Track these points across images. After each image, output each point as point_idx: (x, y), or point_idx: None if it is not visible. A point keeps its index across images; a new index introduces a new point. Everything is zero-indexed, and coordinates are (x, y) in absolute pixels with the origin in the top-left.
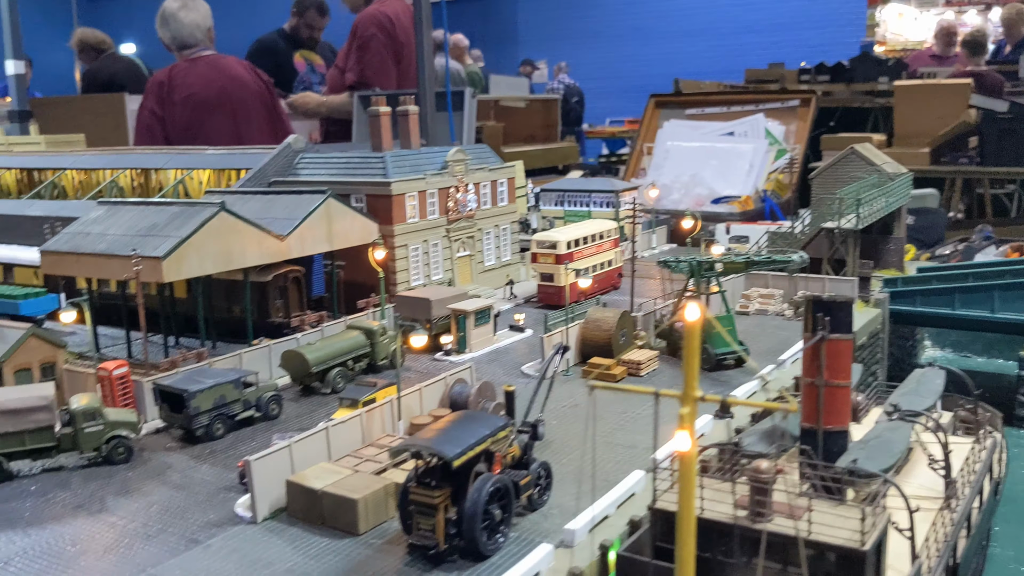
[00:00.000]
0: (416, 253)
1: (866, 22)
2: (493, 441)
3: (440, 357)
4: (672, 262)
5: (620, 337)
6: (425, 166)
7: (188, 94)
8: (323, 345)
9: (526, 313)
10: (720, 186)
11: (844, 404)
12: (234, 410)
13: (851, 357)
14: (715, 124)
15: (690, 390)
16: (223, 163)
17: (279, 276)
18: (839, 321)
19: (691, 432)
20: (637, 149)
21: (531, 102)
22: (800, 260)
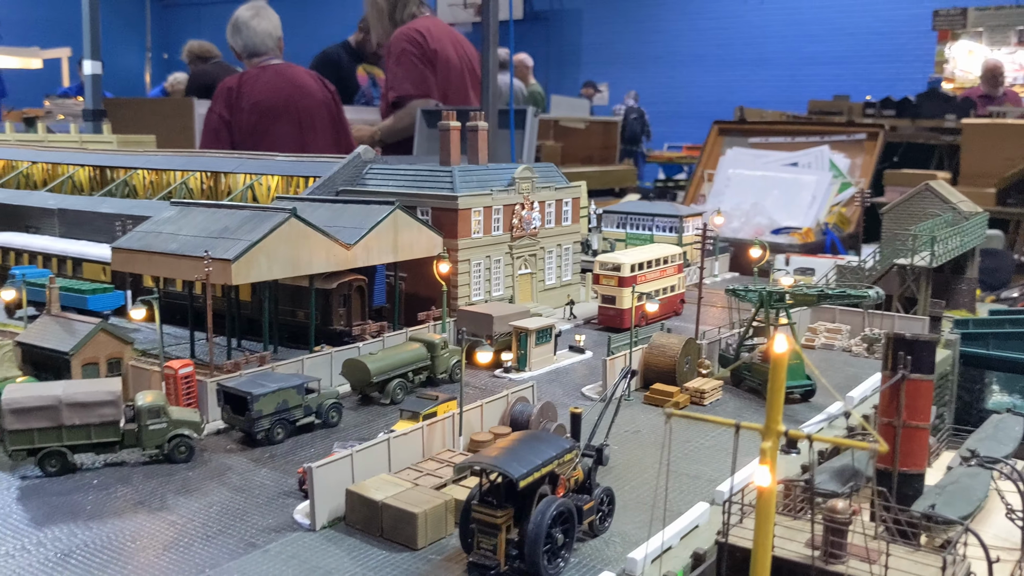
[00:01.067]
0: (478, 268)
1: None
2: (559, 463)
3: (500, 374)
4: (741, 291)
5: (684, 364)
6: (492, 182)
7: (256, 100)
8: (385, 356)
9: (585, 335)
10: (781, 216)
11: (922, 447)
12: (295, 415)
13: (931, 398)
14: (779, 154)
15: (773, 424)
16: (292, 170)
17: (343, 284)
18: (921, 361)
19: (772, 468)
20: (698, 175)
21: (591, 123)
22: (876, 296)
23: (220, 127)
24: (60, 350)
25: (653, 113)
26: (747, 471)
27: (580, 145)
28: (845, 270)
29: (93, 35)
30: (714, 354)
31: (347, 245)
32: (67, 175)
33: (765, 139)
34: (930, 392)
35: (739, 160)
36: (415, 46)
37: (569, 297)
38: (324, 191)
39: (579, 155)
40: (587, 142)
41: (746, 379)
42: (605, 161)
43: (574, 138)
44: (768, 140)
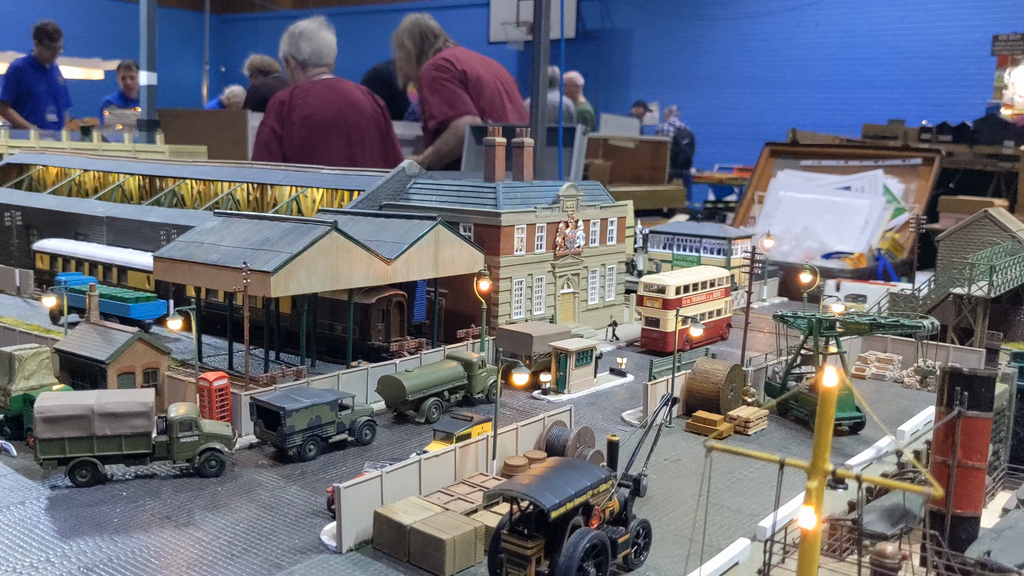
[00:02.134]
0: (520, 286)
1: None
2: (593, 493)
3: (538, 396)
4: (790, 317)
5: (729, 392)
6: (536, 199)
7: (307, 114)
8: (421, 373)
9: (627, 357)
10: (832, 241)
11: (978, 488)
12: (328, 432)
13: (988, 437)
14: (831, 177)
15: (820, 462)
16: (337, 183)
17: (382, 299)
18: (978, 397)
19: (818, 509)
20: (748, 197)
21: (640, 143)
22: (931, 327)
23: (271, 140)
24: (97, 359)
25: (703, 134)
26: (791, 506)
27: (629, 164)
28: (898, 298)
29: (150, 48)
30: (760, 382)
31: (387, 260)
32: (117, 184)
33: (817, 162)
34: (987, 430)
35: (790, 182)
36: (444, 71)
37: (612, 318)
38: (368, 205)
39: (627, 174)
40: (636, 161)
41: (793, 409)
42: (654, 181)
43: (623, 157)
44: (820, 163)
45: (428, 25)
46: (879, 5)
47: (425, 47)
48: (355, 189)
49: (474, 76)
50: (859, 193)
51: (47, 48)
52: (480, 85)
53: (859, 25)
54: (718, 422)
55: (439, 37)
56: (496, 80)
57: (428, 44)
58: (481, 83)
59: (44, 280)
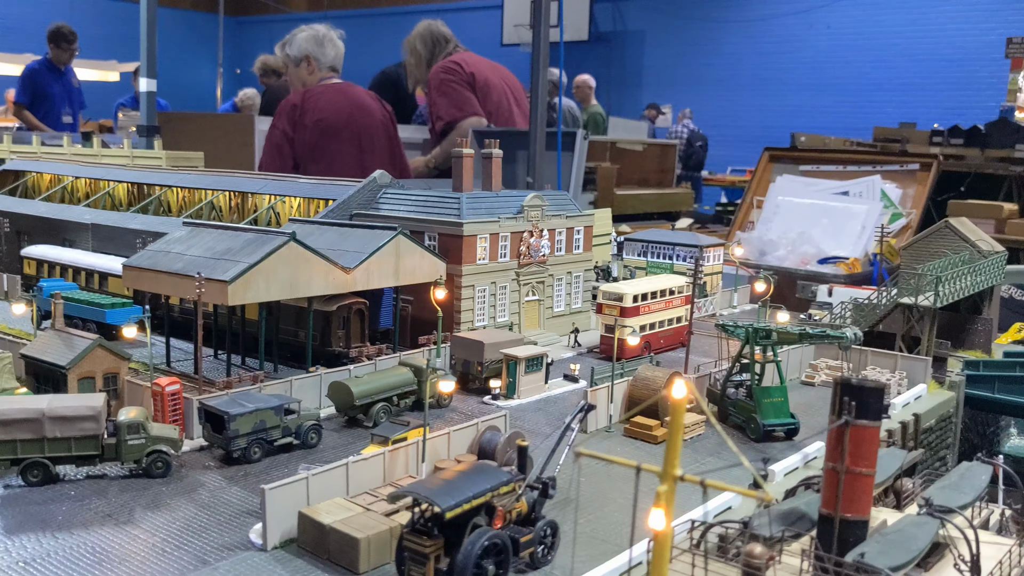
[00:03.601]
0: (483, 294)
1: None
2: (495, 495)
3: (488, 401)
4: (730, 326)
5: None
6: (501, 209)
7: (318, 118)
8: (370, 379)
9: (587, 364)
10: (829, 246)
11: (865, 493)
12: (273, 436)
13: (877, 445)
14: (829, 182)
15: (670, 468)
16: (313, 192)
17: (343, 307)
18: (867, 407)
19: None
20: (747, 202)
21: (648, 146)
22: (853, 337)
23: (283, 143)
24: (58, 364)
25: (715, 136)
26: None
27: (637, 167)
28: (864, 306)
29: (150, 54)
30: (702, 388)
31: (347, 269)
32: (106, 191)
33: (816, 167)
34: (875, 439)
35: (789, 187)
36: (452, 74)
37: (574, 325)
38: (339, 214)
39: (635, 177)
40: (644, 164)
41: (731, 416)
42: (661, 184)
43: (631, 160)
44: (819, 168)
45: (440, 31)
46: (891, 7)
47: (436, 52)
48: (329, 198)
49: (482, 80)
50: (857, 198)
51: (63, 51)
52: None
53: (871, 28)
54: (654, 427)
55: (450, 42)
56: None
57: (439, 48)
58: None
59: (30, 285)
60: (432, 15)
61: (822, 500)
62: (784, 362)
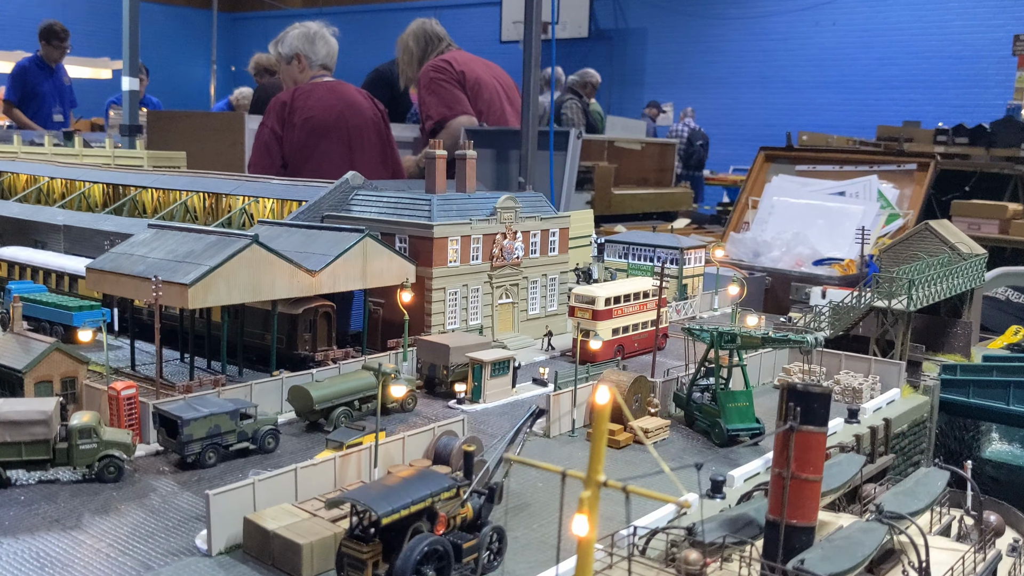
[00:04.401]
0: (455, 297)
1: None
2: (435, 501)
3: (453, 405)
4: (696, 330)
5: (633, 402)
6: (473, 211)
7: (307, 117)
8: (331, 383)
9: (559, 368)
10: (824, 247)
11: (811, 499)
12: (228, 440)
13: (823, 451)
14: (825, 182)
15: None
16: (286, 193)
17: (309, 310)
18: (813, 413)
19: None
20: (742, 202)
21: (647, 145)
22: (814, 342)
23: (272, 142)
24: (14, 368)
25: (717, 135)
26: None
27: (635, 167)
28: (840, 309)
29: (132, 52)
30: (669, 393)
31: (312, 272)
32: (81, 191)
33: (812, 167)
34: (822, 445)
35: (784, 188)
36: (441, 72)
37: (547, 328)
38: (310, 215)
39: (633, 176)
40: (642, 164)
41: (697, 420)
42: (660, 184)
43: (629, 159)
44: (815, 168)
45: (433, 29)
46: (898, 4)
47: (428, 50)
48: (301, 199)
49: (472, 78)
50: (853, 199)
51: (55, 48)
52: (479, 87)
53: (877, 24)
54: (617, 432)
55: (443, 41)
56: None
57: (432, 47)
58: (480, 85)
59: (1, 288)
60: (429, 12)
61: (769, 506)
62: (758, 365)
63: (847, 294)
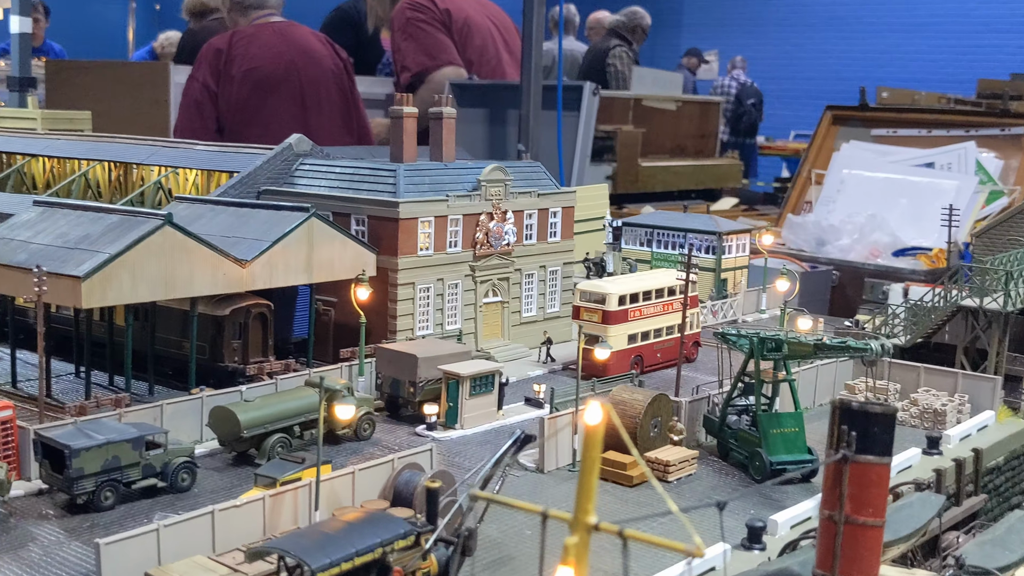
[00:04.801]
0: (426, 295)
1: None
2: (389, 551)
3: (422, 432)
4: (731, 335)
5: (651, 428)
6: (450, 185)
7: (249, 68)
8: (265, 403)
9: (559, 384)
10: (907, 233)
11: (870, 550)
12: (130, 476)
13: (886, 487)
14: (910, 151)
15: (582, 515)
16: (214, 162)
17: (239, 311)
18: (872, 439)
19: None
20: (803, 176)
21: (684, 104)
22: (880, 349)
23: (204, 100)
24: None
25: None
26: None
27: (668, 132)
28: (919, 310)
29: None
30: (697, 416)
31: (242, 262)
32: None
33: (893, 131)
34: (884, 480)
35: (857, 158)
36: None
37: (546, 334)
38: (242, 190)
39: (666, 144)
40: (678, 128)
41: (733, 450)
42: (701, 153)
43: (661, 122)
44: (896, 133)
45: None
46: None
47: None
48: (232, 170)
49: (460, 18)
50: (944, 171)
51: None
52: (468, 29)
53: None
54: (629, 465)
55: None
56: (490, 24)
57: None
58: (470, 27)
59: None
60: None
61: (817, 558)
62: (812, 381)
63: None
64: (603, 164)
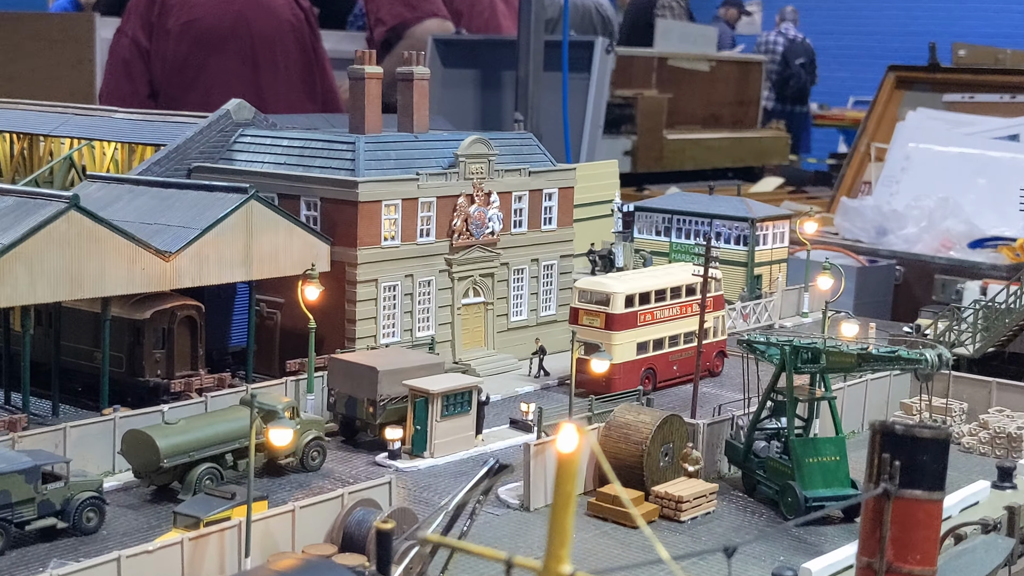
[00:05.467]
0: (393, 294)
1: None
2: None
3: (383, 461)
4: (760, 343)
5: (661, 456)
6: (422, 161)
7: (188, 20)
8: (191, 427)
9: (553, 403)
10: (986, 220)
11: None
12: (23, 514)
13: (937, 529)
14: (990, 120)
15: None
16: (137, 133)
17: (161, 314)
18: (920, 469)
19: None
20: (860, 151)
21: (719, 64)
22: (936, 360)
23: (133, 58)
24: None
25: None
26: None
27: (700, 98)
28: (992, 312)
29: None
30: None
31: (165, 254)
32: None
33: (969, 97)
34: (935, 519)
35: (926, 129)
36: None
37: (538, 343)
38: (170, 167)
39: (698, 113)
40: (712, 93)
41: (761, 483)
42: (740, 124)
43: (692, 86)
44: (973, 98)
45: None
46: None
47: None
48: (159, 143)
49: None
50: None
51: None
52: None
53: None
54: (633, 501)
55: None
56: None
57: None
58: None
59: None
60: None
61: None
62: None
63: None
64: (620, 137)
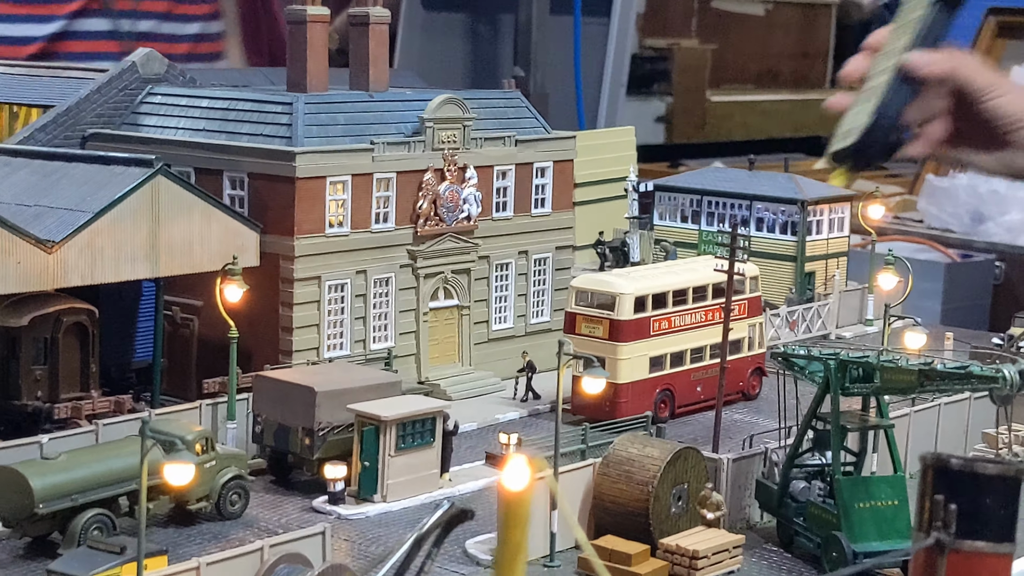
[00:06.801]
0: (340, 295)
1: None
2: None
3: (321, 506)
4: (799, 357)
5: (672, 500)
6: (379, 126)
7: None
8: (75, 463)
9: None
10: None
11: None
12: None
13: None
14: None
15: None
16: (18, 92)
17: (43, 320)
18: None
19: None
20: None
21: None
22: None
23: None
24: None
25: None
26: None
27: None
28: None
29: None
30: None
31: (48, 244)
32: None
33: None
34: None
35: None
36: None
37: (526, 357)
38: (59, 134)
39: (750, 68)
40: (767, 44)
41: (800, 534)
42: (803, 83)
43: (742, 35)
44: None
45: None
46: None
47: None
48: (46, 103)
49: None
50: None
51: None
52: None
53: None
54: (635, 556)
55: None
56: None
57: None
58: None
59: None
60: None
61: None
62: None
63: None
64: (650, 99)
